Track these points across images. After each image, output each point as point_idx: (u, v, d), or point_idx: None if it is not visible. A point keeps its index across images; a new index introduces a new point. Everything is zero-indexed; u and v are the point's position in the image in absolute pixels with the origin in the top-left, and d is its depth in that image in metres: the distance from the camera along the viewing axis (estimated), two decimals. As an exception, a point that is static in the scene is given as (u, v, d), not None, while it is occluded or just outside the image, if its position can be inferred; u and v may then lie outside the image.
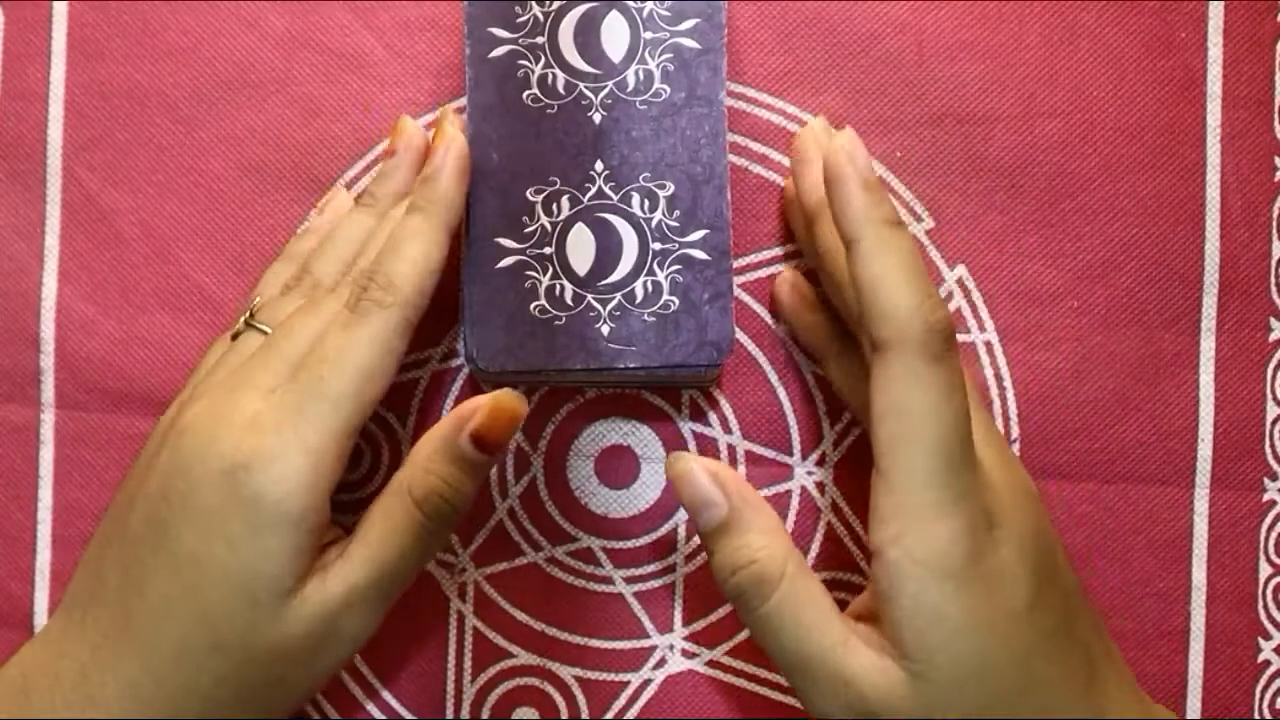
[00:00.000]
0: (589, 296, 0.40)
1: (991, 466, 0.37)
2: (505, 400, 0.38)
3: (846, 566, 0.45)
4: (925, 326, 0.35)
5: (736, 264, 0.45)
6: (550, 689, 0.45)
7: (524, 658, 0.45)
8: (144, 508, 0.37)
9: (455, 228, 0.40)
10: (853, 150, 0.36)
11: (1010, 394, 0.45)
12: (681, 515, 0.45)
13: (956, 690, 0.35)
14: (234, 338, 0.41)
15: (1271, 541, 0.45)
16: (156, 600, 0.37)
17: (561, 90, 0.41)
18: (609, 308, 0.40)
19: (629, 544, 0.45)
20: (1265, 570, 0.45)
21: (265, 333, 0.40)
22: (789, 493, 0.45)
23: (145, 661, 0.36)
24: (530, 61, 0.41)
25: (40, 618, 0.45)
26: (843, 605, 0.44)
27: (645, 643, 0.45)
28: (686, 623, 0.45)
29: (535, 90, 0.41)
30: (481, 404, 0.38)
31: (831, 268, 0.41)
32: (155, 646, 0.36)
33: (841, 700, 0.36)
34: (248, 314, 0.41)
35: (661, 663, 0.45)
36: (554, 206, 0.40)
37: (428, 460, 0.38)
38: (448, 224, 0.40)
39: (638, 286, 0.40)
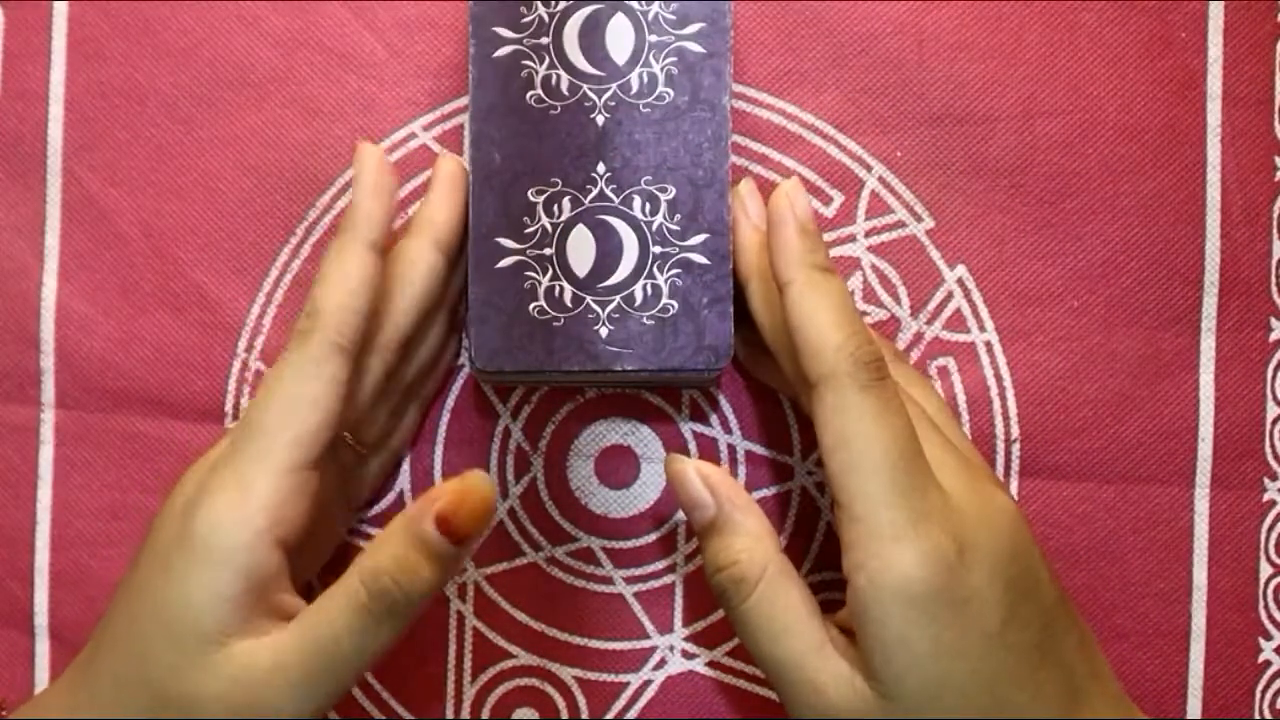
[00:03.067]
0: (588, 298, 0.40)
1: (957, 490, 0.37)
2: (471, 481, 0.35)
3: (846, 566, 0.45)
4: (852, 360, 0.36)
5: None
6: (550, 689, 0.45)
7: (524, 658, 0.45)
8: (134, 561, 0.38)
9: (380, 240, 0.38)
10: (793, 196, 0.38)
11: (1010, 394, 0.45)
12: (681, 515, 0.45)
13: (922, 713, 0.35)
14: None
15: (1272, 541, 0.45)
16: (110, 633, 0.37)
17: (565, 91, 0.41)
18: (608, 310, 0.40)
19: (629, 544, 0.45)
20: (1266, 570, 0.45)
21: None
22: (789, 493, 0.45)
23: (89, 691, 0.37)
24: (534, 62, 0.41)
25: (40, 618, 0.45)
26: (839, 606, 0.44)
27: (645, 643, 0.45)
28: (687, 623, 0.45)
29: (539, 91, 0.41)
30: (450, 485, 0.35)
31: (769, 320, 0.41)
32: (99, 676, 0.37)
33: (813, 706, 0.36)
34: None
35: (662, 663, 0.45)
36: (555, 207, 0.40)
37: (384, 539, 0.35)
38: (366, 238, 0.38)
39: (637, 289, 0.40)
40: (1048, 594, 0.37)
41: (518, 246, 0.40)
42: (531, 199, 0.41)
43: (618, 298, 0.40)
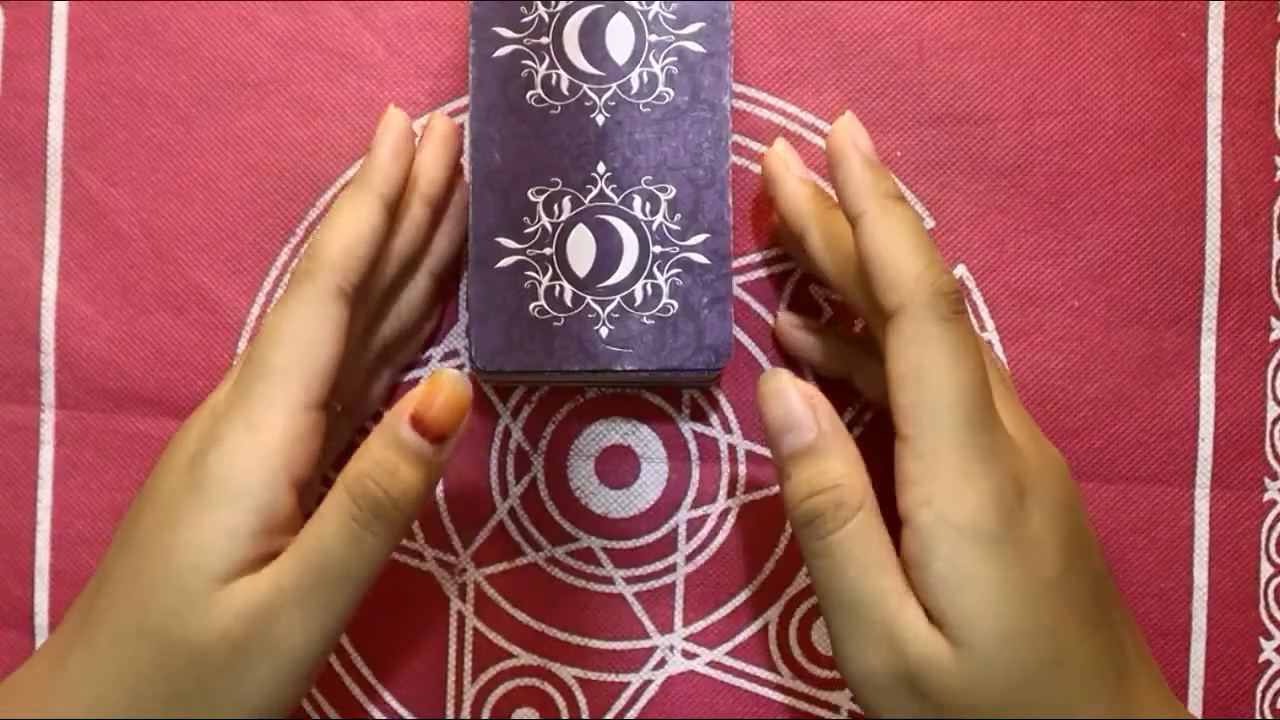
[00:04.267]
0: (588, 298, 0.40)
1: (1019, 436, 0.36)
2: (441, 377, 0.35)
3: (847, 566, 0.45)
4: (932, 290, 0.35)
5: (736, 264, 0.45)
6: (550, 689, 0.45)
7: (524, 658, 0.45)
8: (129, 510, 0.38)
9: (392, 197, 0.40)
10: (853, 131, 0.37)
11: (1011, 394, 0.45)
12: (682, 515, 0.45)
13: (997, 658, 0.34)
14: None
15: (1272, 541, 0.45)
16: (108, 586, 0.36)
17: (565, 91, 0.41)
18: (608, 310, 0.40)
19: (629, 544, 0.45)
20: (1266, 570, 0.45)
21: None
22: (789, 493, 0.45)
23: (86, 647, 0.36)
24: (534, 62, 0.41)
25: (40, 618, 0.45)
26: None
27: (645, 643, 0.45)
28: (687, 623, 0.45)
29: (539, 91, 0.41)
30: (420, 386, 0.35)
31: (832, 261, 0.40)
32: (96, 630, 0.36)
33: (883, 653, 0.34)
34: None
35: (662, 663, 0.45)
36: (555, 207, 0.40)
37: (364, 447, 0.35)
38: (377, 189, 0.39)
39: (637, 289, 0.40)
40: (1097, 558, 0.37)
41: (518, 246, 0.40)
42: (532, 199, 0.41)
43: (618, 297, 0.40)
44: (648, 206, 0.40)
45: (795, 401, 0.36)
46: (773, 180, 0.42)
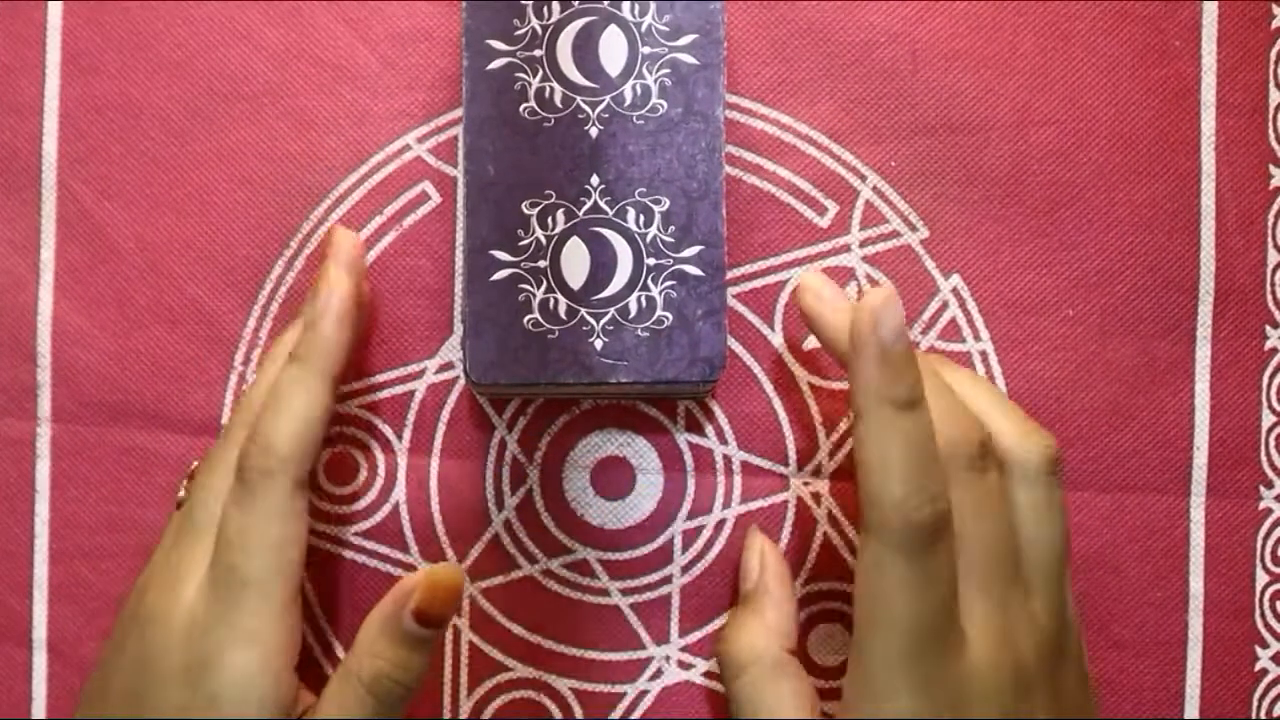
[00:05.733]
0: (582, 310, 0.40)
1: (977, 647, 0.36)
2: (443, 575, 0.37)
3: (843, 577, 0.45)
4: (905, 523, 0.34)
5: (731, 275, 0.45)
6: (546, 701, 0.45)
7: (520, 670, 0.45)
8: (118, 702, 0.38)
9: (339, 374, 0.40)
10: (880, 313, 0.35)
11: (1006, 403, 0.45)
12: (678, 526, 0.45)
13: None
14: (178, 505, 0.42)
15: (1268, 550, 0.45)
16: None
17: (559, 104, 0.41)
18: (602, 322, 0.40)
19: (625, 555, 0.45)
20: (1262, 579, 0.45)
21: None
22: (785, 504, 0.45)
23: None
24: (528, 74, 0.41)
25: (39, 631, 0.45)
26: (840, 616, 0.44)
27: (641, 654, 0.45)
28: (683, 634, 0.45)
29: (532, 103, 0.41)
30: (420, 581, 0.37)
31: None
32: None
33: None
34: (185, 480, 0.42)
35: (658, 674, 0.45)
36: (549, 220, 0.40)
37: (372, 644, 0.37)
38: (326, 371, 0.39)
39: (631, 301, 0.40)
40: None
41: (512, 259, 0.40)
42: (525, 211, 0.41)
43: (612, 310, 0.40)
44: (642, 219, 0.40)
45: (751, 554, 0.43)
46: (812, 319, 0.39)
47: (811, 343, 0.45)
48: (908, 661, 0.35)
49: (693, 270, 0.40)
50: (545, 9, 0.41)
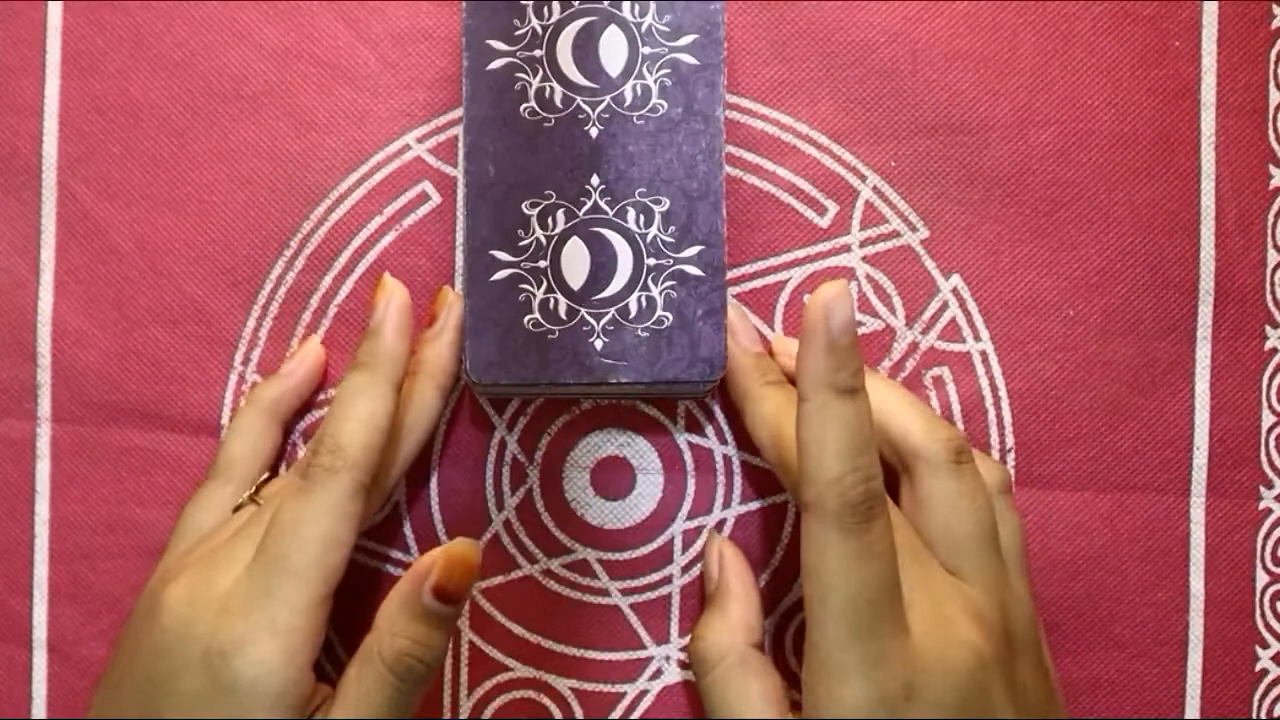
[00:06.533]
0: (583, 311, 0.40)
1: (922, 629, 0.37)
2: (459, 550, 0.37)
3: (843, 577, 0.45)
4: (840, 499, 0.35)
5: (731, 275, 0.45)
6: (546, 701, 0.45)
7: (520, 670, 0.45)
8: (133, 690, 0.38)
9: (400, 380, 0.40)
10: (831, 305, 0.36)
11: (1005, 403, 0.45)
12: (678, 526, 0.45)
13: None
14: (236, 509, 0.42)
15: (1268, 550, 0.45)
16: None
17: (559, 104, 0.41)
18: (602, 322, 0.40)
19: (625, 555, 0.45)
20: (1262, 579, 0.45)
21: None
22: (785, 504, 0.45)
23: None
24: (528, 75, 0.41)
25: (39, 631, 0.45)
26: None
27: (641, 654, 0.45)
28: (683, 634, 0.45)
29: (532, 103, 0.41)
30: (437, 558, 0.37)
31: (765, 437, 0.42)
32: None
33: None
34: (253, 489, 0.42)
35: (658, 673, 0.45)
36: (549, 220, 0.40)
37: (392, 623, 0.37)
38: (391, 378, 0.40)
39: (631, 302, 0.40)
40: None
41: (512, 259, 0.40)
42: (526, 212, 0.41)
43: (612, 310, 0.40)
44: (642, 219, 0.40)
45: (711, 556, 0.44)
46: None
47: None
48: (855, 638, 0.35)
49: (693, 270, 0.40)
50: (545, 9, 0.41)
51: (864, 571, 0.35)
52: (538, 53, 0.41)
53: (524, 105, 0.41)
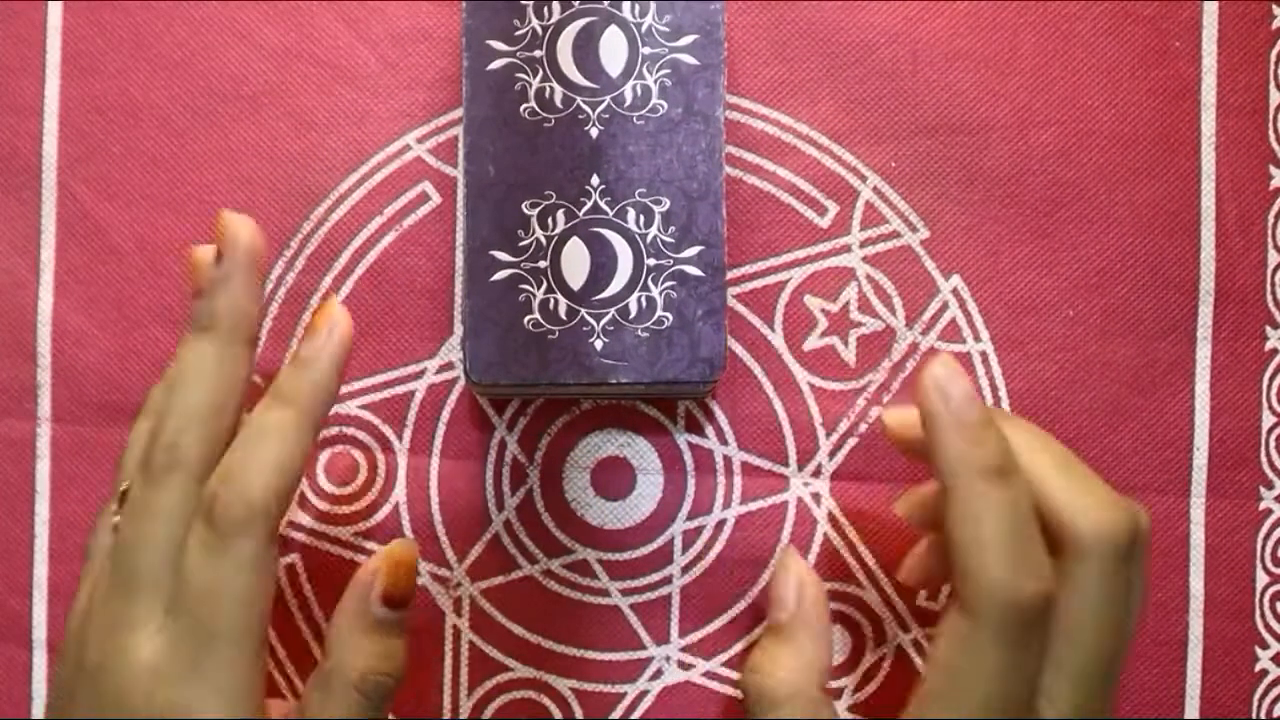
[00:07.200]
0: (583, 311, 0.40)
1: None
2: (399, 553, 0.37)
3: (843, 577, 0.45)
4: (1006, 604, 0.32)
5: (731, 275, 0.45)
6: (547, 701, 0.45)
7: (520, 671, 0.45)
8: None
9: (325, 417, 0.37)
10: (945, 383, 0.33)
11: (1005, 404, 0.45)
12: (678, 526, 0.45)
13: None
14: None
15: (1268, 550, 0.45)
16: None
17: (559, 104, 0.41)
18: (602, 323, 0.40)
19: (625, 556, 0.45)
20: (1262, 579, 0.45)
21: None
22: (785, 504, 0.45)
23: None
24: (528, 75, 0.41)
25: (39, 631, 0.45)
26: (840, 618, 0.44)
27: (641, 654, 0.45)
28: (683, 634, 0.45)
29: (532, 104, 0.41)
30: (378, 566, 0.37)
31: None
32: None
33: None
34: (118, 496, 0.38)
35: (658, 674, 0.45)
36: (549, 220, 0.40)
37: (347, 644, 0.36)
38: (315, 417, 0.36)
39: (631, 302, 0.40)
40: None
41: (512, 259, 0.40)
42: (526, 212, 0.41)
43: (612, 310, 0.40)
44: (642, 219, 0.40)
45: (788, 580, 0.41)
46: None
47: (811, 343, 0.45)
48: None
49: (693, 270, 0.40)
50: (545, 9, 0.41)
51: (1009, 690, 0.33)
52: (538, 53, 0.41)
53: (524, 105, 0.41)
